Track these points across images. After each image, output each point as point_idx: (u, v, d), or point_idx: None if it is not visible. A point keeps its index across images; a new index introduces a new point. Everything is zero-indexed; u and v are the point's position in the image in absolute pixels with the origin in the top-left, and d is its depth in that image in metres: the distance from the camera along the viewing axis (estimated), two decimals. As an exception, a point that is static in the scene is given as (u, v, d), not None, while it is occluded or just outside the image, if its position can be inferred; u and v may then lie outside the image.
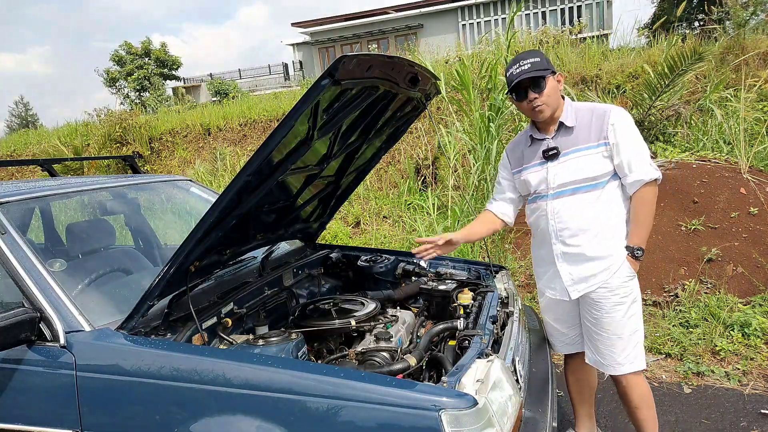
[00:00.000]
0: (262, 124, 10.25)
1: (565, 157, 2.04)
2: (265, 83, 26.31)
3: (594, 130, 2.00)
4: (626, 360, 2.07)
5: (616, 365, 2.08)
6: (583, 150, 2.01)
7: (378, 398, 1.35)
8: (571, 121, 2.04)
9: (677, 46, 7.19)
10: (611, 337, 2.06)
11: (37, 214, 2.55)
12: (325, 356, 2.04)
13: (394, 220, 6.28)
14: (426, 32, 22.37)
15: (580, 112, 2.06)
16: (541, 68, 1.97)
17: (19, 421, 1.66)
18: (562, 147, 2.05)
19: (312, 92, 1.47)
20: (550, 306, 2.27)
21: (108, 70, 27.61)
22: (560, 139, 2.06)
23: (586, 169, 2.00)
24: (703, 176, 4.57)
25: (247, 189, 1.71)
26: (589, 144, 2.00)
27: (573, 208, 2.04)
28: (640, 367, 2.09)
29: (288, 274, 2.51)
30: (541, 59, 2.00)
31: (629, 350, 2.06)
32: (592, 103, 2.09)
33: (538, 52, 2.04)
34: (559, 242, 2.09)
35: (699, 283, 3.82)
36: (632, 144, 1.97)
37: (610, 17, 20.70)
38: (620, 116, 1.99)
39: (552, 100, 2.01)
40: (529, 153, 2.16)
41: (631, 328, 2.06)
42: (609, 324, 2.05)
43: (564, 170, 2.04)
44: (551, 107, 2.02)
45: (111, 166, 9.78)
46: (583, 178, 2.01)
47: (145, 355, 1.54)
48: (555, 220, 2.08)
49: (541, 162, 2.10)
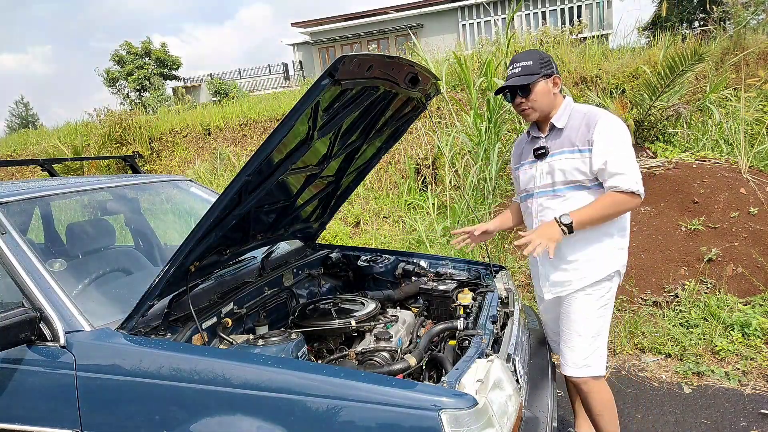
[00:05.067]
0: (262, 124, 10.24)
1: (552, 158, 2.05)
2: (265, 83, 26.32)
3: (581, 134, 1.98)
4: (584, 362, 2.06)
5: (572, 365, 2.08)
6: (566, 153, 2.01)
7: (378, 398, 1.34)
8: (562, 123, 2.03)
9: (677, 46, 7.20)
10: (572, 334, 2.07)
11: (37, 214, 2.54)
12: (325, 356, 2.04)
13: (394, 220, 6.28)
14: (426, 32, 22.36)
15: (574, 114, 2.04)
16: (530, 72, 1.98)
17: (19, 421, 1.66)
18: (551, 147, 2.05)
19: (312, 92, 1.47)
20: (544, 308, 2.31)
21: (108, 70, 27.61)
22: (551, 140, 2.07)
23: (568, 172, 2.00)
24: (703, 176, 4.57)
25: (247, 189, 1.71)
26: (573, 147, 1.99)
27: (554, 211, 2.03)
28: (597, 373, 2.07)
29: (288, 274, 2.50)
30: (535, 62, 1.99)
31: (589, 352, 2.05)
32: (591, 107, 2.05)
33: (534, 53, 2.02)
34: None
35: (699, 283, 3.82)
36: (616, 153, 1.91)
37: (610, 17, 20.69)
38: (609, 124, 1.95)
39: (541, 104, 2.02)
40: (527, 150, 2.17)
41: (594, 329, 2.05)
42: (574, 321, 2.06)
43: (548, 171, 2.05)
44: (539, 110, 2.03)
45: (111, 166, 9.78)
46: (564, 181, 2.01)
47: (145, 355, 1.54)
48: (538, 219, 2.10)
49: (532, 160, 2.12)
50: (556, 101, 2.06)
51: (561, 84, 2.05)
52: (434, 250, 4.96)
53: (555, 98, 2.05)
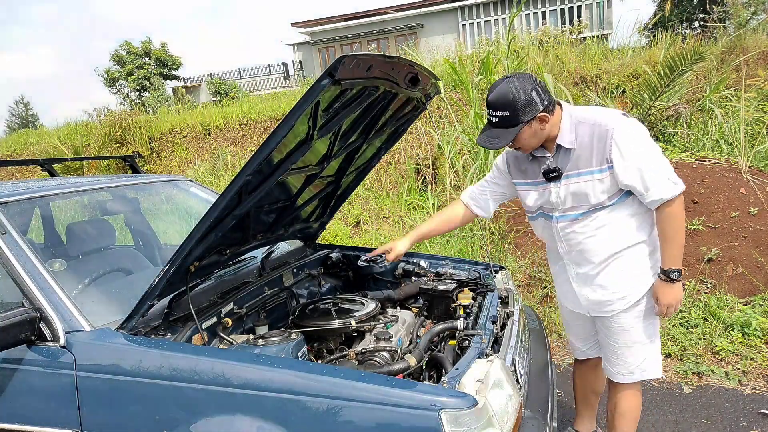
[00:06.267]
0: (262, 124, 10.24)
1: (567, 179, 1.88)
2: (265, 83, 26.32)
3: (596, 152, 1.80)
4: (639, 368, 2.00)
5: (625, 373, 2.02)
6: (585, 175, 1.84)
7: (378, 398, 1.35)
8: (570, 143, 1.85)
9: (677, 46, 7.19)
10: (620, 347, 1.99)
11: (37, 214, 2.55)
12: (325, 356, 2.04)
13: (394, 220, 6.27)
14: (426, 32, 22.36)
15: (581, 129, 1.84)
16: (509, 125, 1.78)
17: (19, 421, 1.66)
18: (564, 168, 1.88)
19: (312, 92, 1.47)
20: (567, 318, 2.27)
21: (108, 70, 27.58)
22: (561, 160, 1.89)
23: (591, 195, 1.84)
24: (703, 176, 4.57)
25: (247, 189, 1.71)
26: (591, 168, 1.82)
27: (580, 234, 1.92)
28: (652, 375, 2.02)
29: (288, 274, 2.51)
30: (511, 111, 1.75)
31: (643, 357, 1.98)
32: (595, 115, 1.84)
33: (508, 98, 1.75)
34: (572, 264, 2.02)
35: (699, 283, 3.82)
36: (643, 162, 1.75)
37: (610, 17, 20.70)
38: (625, 135, 1.76)
39: (532, 142, 1.86)
40: (531, 168, 2.01)
41: (648, 334, 1.97)
42: (622, 335, 1.98)
43: (567, 194, 1.90)
44: (533, 145, 1.89)
45: (111, 166, 9.78)
46: (587, 204, 1.87)
47: (145, 355, 1.54)
48: (563, 242, 1.99)
49: (543, 181, 1.95)
50: (553, 126, 1.86)
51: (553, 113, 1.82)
52: (434, 250, 4.96)
53: (550, 128, 1.86)
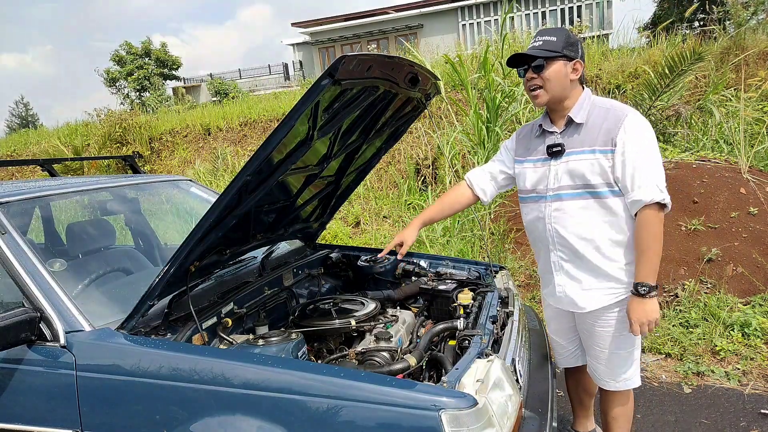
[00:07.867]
0: (262, 124, 10.25)
1: (568, 156, 1.83)
2: (265, 83, 26.32)
3: (603, 132, 1.77)
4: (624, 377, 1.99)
5: (610, 380, 2.01)
6: (587, 153, 1.80)
7: (378, 398, 1.35)
8: (582, 118, 1.81)
9: (677, 46, 7.20)
10: (604, 350, 1.97)
11: (37, 214, 2.55)
12: (325, 356, 2.04)
13: (394, 220, 6.28)
14: (426, 32, 22.37)
15: (595, 109, 1.82)
16: (551, 49, 1.77)
17: (19, 421, 1.66)
18: (568, 145, 1.84)
19: (312, 92, 1.47)
20: (551, 316, 2.19)
21: (108, 70, 27.59)
22: (568, 136, 1.85)
23: (587, 173, 1.80)
24: (703, 176, 4.57)
25: (247, 189, 1.71)
26: (594, 147, 1.78)
27: (573, 215, 1.85)
28: (636, 384, 2.01)
29: (288, 274, 2.51)
30: (559, 39, 1.78)
31: (628, 365, 1.98)
32: (614, 102, 1.84)
33: (561, 31, 1.82)
34: (557, 250, 1.93)
35: (699, 283, 3.82)
36: (641, 157, 1.72)
37: (610, 17, 20.69)
38: (636, 125, 1.74)
39: (553, 86, 1.80)
40: (535, 144, 1.95)
41: (630, 341, 1.95)
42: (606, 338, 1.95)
43: (565, 171, 1.84)
44: (550, 93, 1.82)
45: (111, 166, 9.78)
46: (584, 184, 1.81)
47: (145, 355, 1.54)
48: (552, 225, 1.90)
49: (544, 158, 1.90)
50: (573, 91, 1.84)
51: (582, 71, 1.79)
52: (434, 250, 4.96)
53: (571, 86, 1.82)
